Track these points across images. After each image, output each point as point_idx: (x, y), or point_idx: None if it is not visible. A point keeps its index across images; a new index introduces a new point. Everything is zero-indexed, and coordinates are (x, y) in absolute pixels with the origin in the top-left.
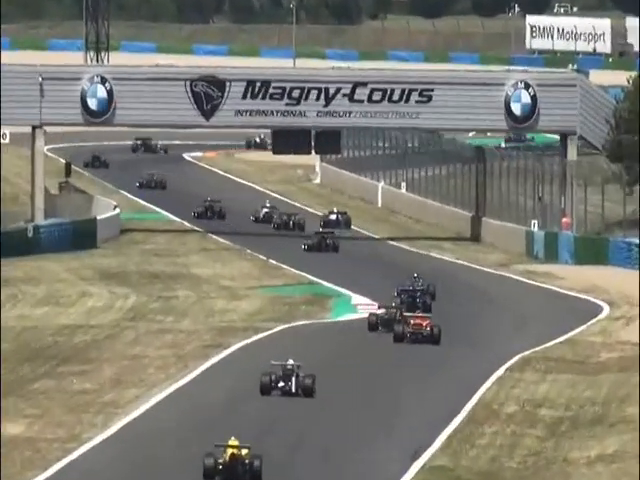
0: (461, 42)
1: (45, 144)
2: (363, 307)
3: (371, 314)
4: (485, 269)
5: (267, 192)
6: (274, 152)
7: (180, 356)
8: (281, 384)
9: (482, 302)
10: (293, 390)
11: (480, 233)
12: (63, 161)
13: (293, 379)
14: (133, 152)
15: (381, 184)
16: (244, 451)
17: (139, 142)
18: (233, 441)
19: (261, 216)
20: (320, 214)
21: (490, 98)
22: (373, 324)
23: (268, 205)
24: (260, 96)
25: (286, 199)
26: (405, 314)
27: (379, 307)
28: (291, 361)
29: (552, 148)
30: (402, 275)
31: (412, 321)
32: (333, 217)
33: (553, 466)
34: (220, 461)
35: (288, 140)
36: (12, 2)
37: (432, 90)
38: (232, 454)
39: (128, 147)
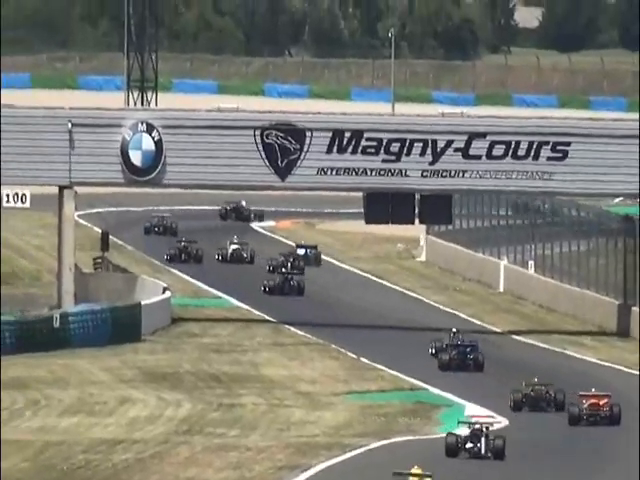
0: (605, 83)
1: (76, 209)
2: (479, 419)
3: (449, 434)
4: (634, 372)
5: (357, 272)
6: (367, 221)
7: None
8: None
9: (633, 417)
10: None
11: (629, 326)
12: (99, 231)
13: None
14: (222, 219)
15: (503, 263)
16: None
17: (229, 207)
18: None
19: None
20: (431, 302)
21: None
22: (453, 447)
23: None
24: (349, 150)
25: (382, 281)
26: (581, 393)
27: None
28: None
29: None
30: (529, 379)
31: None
32: (301, 252)
33: None
34: None
35: (385, 206)
36: (34, 26)
37: (568, 144)
38: None
39: (183, 213)
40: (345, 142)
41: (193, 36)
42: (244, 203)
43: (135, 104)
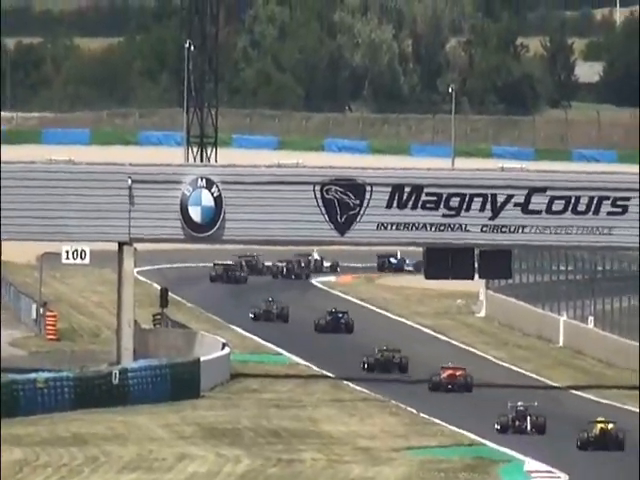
0: None
1: (135, 265)
2: (539, 475)
3: None
4: None
5: (418, 327)
6: (427, 276)
7: None
8: None
9: None
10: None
11: None
12: (158, 287)
13: None
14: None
15: (563, 318)
16: None
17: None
18: None
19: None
20: (490, 357)
21: None
22: None
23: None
24: (410, 205)
25: (442, 336)
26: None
27: None
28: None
29: None
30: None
31: None
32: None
33: None
34: None
35: (445, 261)
36: (93, 84)
37: (629, 199)
38: None
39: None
40: (405, 197)
41: (253, 91)
42: (316, 255)
43: (195, 160)
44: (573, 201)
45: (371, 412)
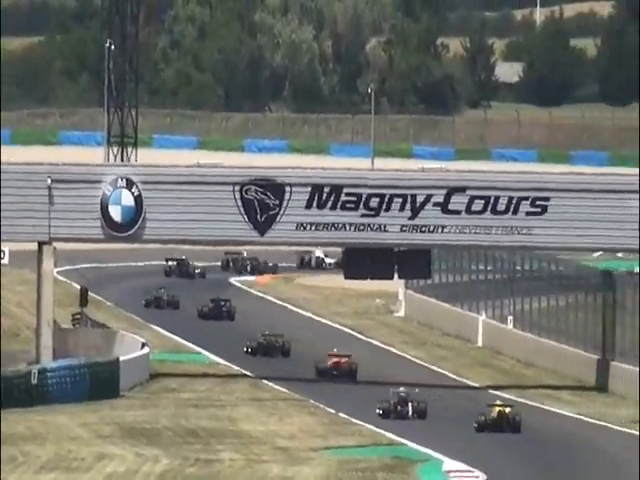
0: (585, 137)
1: (55, 265)
2: (457, 475)
3: None
4: (615, 427)
5: (337, 327)
6: (346, 276)
7: None
8: None
9: (609, 472)
10: None
11: (608, 381)
12: (77, 287)
13: None
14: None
15: (482, 318)
16: None
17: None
18: None
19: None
20: (409, 357)
21: (622, 210)
22: None
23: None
24: (329, 205)
25: (361, 336)
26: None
27: None
28: None
29: None
30: (507, 434)
31: None
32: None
33: None
34: None
35: (364, 261)
36: (13, 83)
37: (548, 199)
38: None
39: (157, 269)
40: (324, 197)
41: (173, 92)
42: (245, 254)
43: (115, 160)
44: (492, 201)
45: (290, 412)
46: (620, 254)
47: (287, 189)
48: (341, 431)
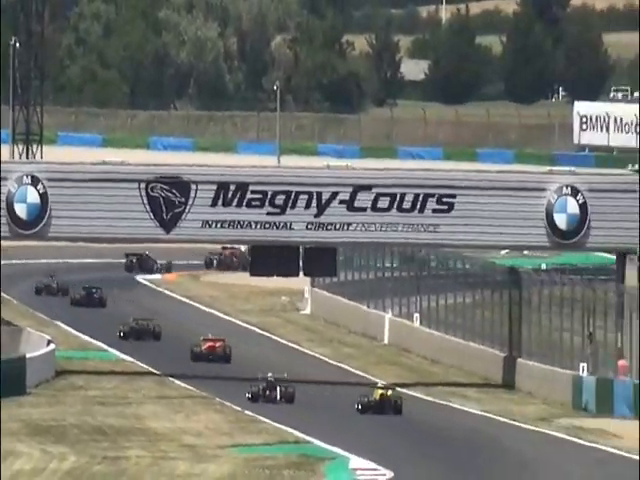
0: (491, 135)
1: None
2: (364, 472)
3: None
4: (520, 424)
5: (243, 324)
6: (252, 274)
7: None
8: None
9: (514, 469)
10: None
11: (514, 378)
12: None
13: None
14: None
15: (388, 315)
16: None
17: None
18: None
19: None
20: (315, 354)
21: (527, 207)
22: None
23: None
24: (234, 203)
25: (267, 333)
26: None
27: None
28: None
29: (606, 271)
30: (414, 432)
31: None
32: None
33: None
34: None
35: (270, 259)
36: None
37: (454, 197)
38: None
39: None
40: (230, 195)
41: (78, 89)
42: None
43: (20, 157)
44: (398, 198)
45: (196, 409)
46: (526, 252)
47: (193, 187)
48: (248, 429)
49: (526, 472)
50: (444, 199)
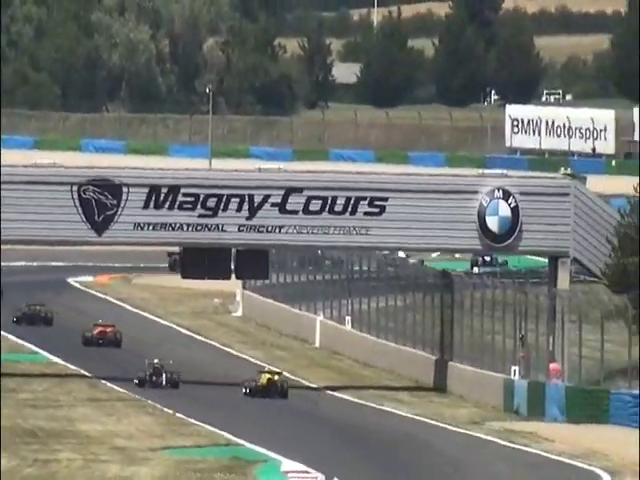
0: (423, 138)
1: None
2: (296, 475)
3: None
4: (452, 428)
5: (174, 327)
6: (183, 276)
7: None
8: None
9: (446, 472)
10: None
11: (446, 382)
12: None
13: None
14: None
15: (320, 318)
16: None
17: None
18: None
19: None
20: (247, 357)
21: (459, 210)
22: None
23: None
24: (166, 206)
25: (198, 336)
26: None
27: None
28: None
29: (538, 274)
30: (345, 435)
31: None
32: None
33: None
34: None
35: (201, 261)
36: None
37: (385, 199)
38: None
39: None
40: (162, 197)
41: (10, 91)
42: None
43: None
44: (330, 201)
45: (128, 412)
46: (458, 255)
47: (125, 189)
48: (179, 431)
49: (457, 474)
50: (376, 202)
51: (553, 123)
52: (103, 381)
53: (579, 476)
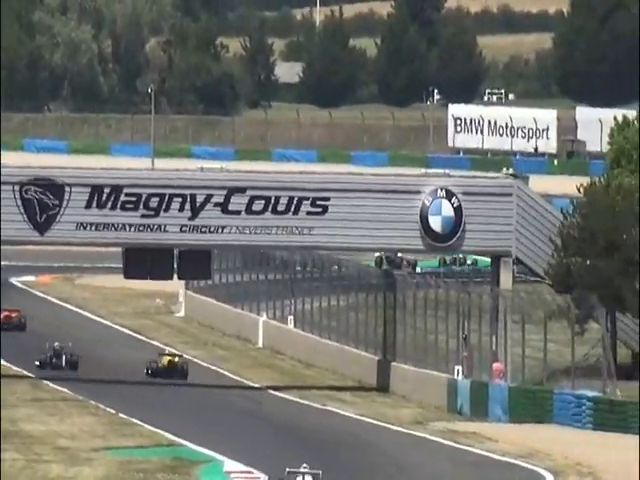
0: (365, 138)
1: None
2: (238, 476)
3: None
4: (395, 428)
5: (117, 327)
6: (126, 276)
7: None
8: None
9: (389, 472)
10: None
11: (389, 382)
12: None
13: None
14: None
15: (262, 318)
16: None
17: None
18: None
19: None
20: (189, 357)
21: (402, 210)
22: None
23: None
24: (109, 205)
25: (141, 336)
26: None
27: None
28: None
29: (481, 274)
30: (288, 435)
31: None
32: None
33: None
34: None
35: (143, 261)
36: None
37: (328, 199)
38: None
39: None
40: (104, 197)
41: None
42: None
43: None
44: (273, 201)
45: (71, 412)
46: (400, 254)
47: (67, 189)
48: (121, 431)
49: (400, 474)
50: (318, 202)
51: (495, 123)
52: (44, 381)
53: (522, 476)
